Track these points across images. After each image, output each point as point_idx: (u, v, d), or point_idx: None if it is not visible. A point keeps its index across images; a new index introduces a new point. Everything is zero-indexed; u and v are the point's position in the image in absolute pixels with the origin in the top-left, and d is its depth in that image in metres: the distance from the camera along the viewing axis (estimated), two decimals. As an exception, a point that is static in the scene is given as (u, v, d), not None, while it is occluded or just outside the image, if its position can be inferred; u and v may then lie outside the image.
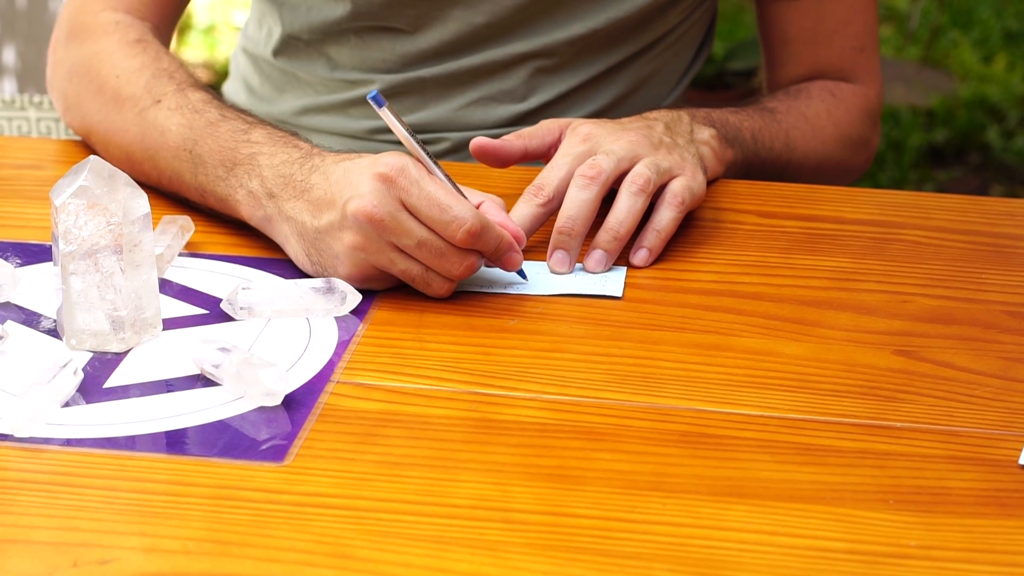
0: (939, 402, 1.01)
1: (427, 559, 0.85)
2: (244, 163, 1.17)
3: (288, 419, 0.97)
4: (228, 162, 1.18)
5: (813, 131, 1.44)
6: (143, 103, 1.26)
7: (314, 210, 1.11)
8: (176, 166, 1.23)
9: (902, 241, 1.24)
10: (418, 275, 1.10)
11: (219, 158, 1.19)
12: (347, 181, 1.10)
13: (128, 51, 1.30)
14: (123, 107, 1.27)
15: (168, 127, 1.23)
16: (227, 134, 1.20)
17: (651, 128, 1.24)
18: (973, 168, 3.59)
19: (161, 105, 1.25)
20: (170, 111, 1.24)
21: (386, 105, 1.11)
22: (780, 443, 0.96)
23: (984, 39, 4.22)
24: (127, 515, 0.88)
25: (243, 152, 1.18)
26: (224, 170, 1.18)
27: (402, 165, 1.08)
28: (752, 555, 0.86)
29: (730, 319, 1.11)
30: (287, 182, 1.14)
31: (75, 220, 1.02)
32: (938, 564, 0.86)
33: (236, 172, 1.18)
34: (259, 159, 1.17)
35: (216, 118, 1.22)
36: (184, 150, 1.22)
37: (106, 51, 1.31)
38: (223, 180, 1.18)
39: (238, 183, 1.17)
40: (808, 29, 1.48)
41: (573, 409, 0.99)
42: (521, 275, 1.15)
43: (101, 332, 1.04)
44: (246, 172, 1.17)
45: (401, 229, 1.08)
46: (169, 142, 1.23)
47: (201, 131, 1.21)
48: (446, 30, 1.42)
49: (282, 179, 1.14)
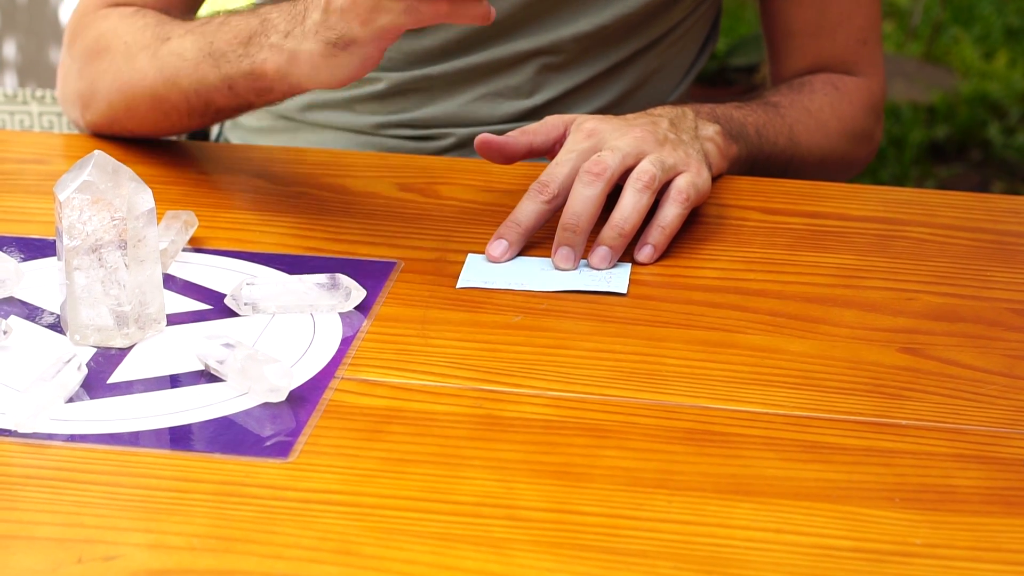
0: (945, 400, 1.01)
1: (432, 556, 0.84)
2: (258, 32, 1.21)
3: (292, 415, 0.97)
4: (244, 39, 1.22)
5: (817, 125, 1.44)
6: (153, 47, 1.29)
7: (315, 8, 1.14)
8: (199, 74, 1.25)
9: (907, 238, 1.24)
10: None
11: (236, 41, 1.22)
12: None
13: (129, 20, 1.34)
14: (136, 58, 1.30)
15: (183, 48, 1.27)
16: (237, 21, 1.24)
17: (656, 124, 1.23)
18: (974, 165, 3.58)
19: (171, 40, 1.28)
20: (180, 38, 1.27)
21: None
22: (785, 440, 0.96)
23: (985, 35, 4.22)
24: (131, 511, 0.88)
25: (254, 24, 1.21)
26: (242, 48, 1.22)
27: None
28: (758, 553, 0.86)
29: (735, 316, 1.11)
30: (294, 17, 1.17)
31: (79, 215, 1.02)
32: (944, 562, 0.85)
33: (254, 41, 1.21)
34: (270, 19, 1.20)
35: (224, 17, 1.26)
36: (203, 54, 1.25)
37: (109, 29, 1.34)
38: (245, 55, 1.22)
39: (257, 48, 1.20)
40: (811, 22, 1.48)
41: (578, 406, 0.99)
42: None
43: (105, 327, 1.04)
44: (263, 35, 1.20)
45: None
46: (188, 58, 1.26)
47: (213, 33, 1.25)
48: (451, 28, 1.41)
49: (290, 17, 1.18)
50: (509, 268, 1.16)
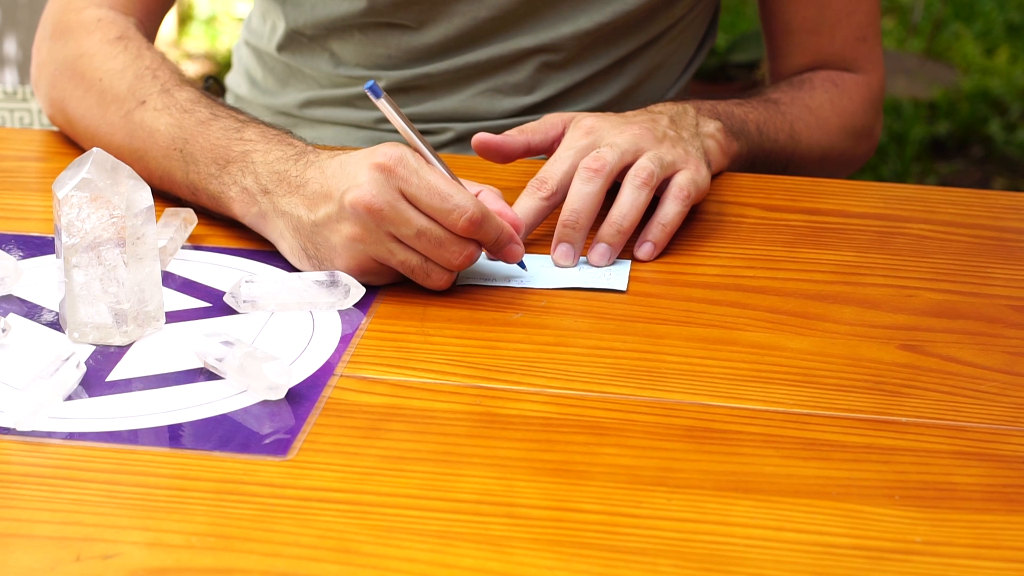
0: (945, 397, 1.01)
1: (431, 554, 0.84)
2: (237, 160, 1.17)
3: (292, 413, 0.97)
4: (221, 160, 1.18)
5: (817, 122, 1.44)
6: (128, 105, 1.25)
7: (310, 204, 1.11)
8: (167, 165, 1.22)
9: (907, 235, 1.24)
10: (417, 266, 1.10)
11: (211, 156, 1.19)
12: (344, 173, 1.09)
13: (110, 50, 1.29)
14: (108, 109, 1.27)
15: (156, 128, 1.23)
16: (219, 132, 1.19)
17: (655, 121, 1.23)
18: (975, 161, 3.58)
19: (147, 106, 1.24)
20: (157, 112, 1.23)
21: (383, 96, 1.10)
22: (785, 438, 0.96)
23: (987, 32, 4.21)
24: (130, 509, 0.88)
25: (236, 150, 1.17)
26: (217, 168, 1.18)
27: (400, 155, 1.08)
28: (758, 550, 0.85)
29: (735, 313, 1.11)
30: (281, 178, 1.13)
31: (78, 213, 1.02)
32: (944, 560, 0.85)
33: (229, 170, 1.17)
34: (253, 156, 1.16)
35: (207, 116, 1.21)
36: (175, 149, 1.21)
37: (88, 52, 1.30)
38: (216, 178, 1.18)
39: (231, 180, 1.17)
40: (810, 19, 1.48)
41: (577, 403, 0.99)
42: (521, 266, 1.14)
43: (104, 325, 1.04)
44: (239, 169, 1.16)
45: (400, 218, 1.07)
46: (159, 142, 1.22)
47: (192, 130, 1.21)
48: (451, 25, 1.41)
49: (276, 175, 1.14)
50: (508, 265, 1.16)
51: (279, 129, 1.19)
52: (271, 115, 1.51)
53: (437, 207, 1.07)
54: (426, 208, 1.07)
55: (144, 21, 1.37)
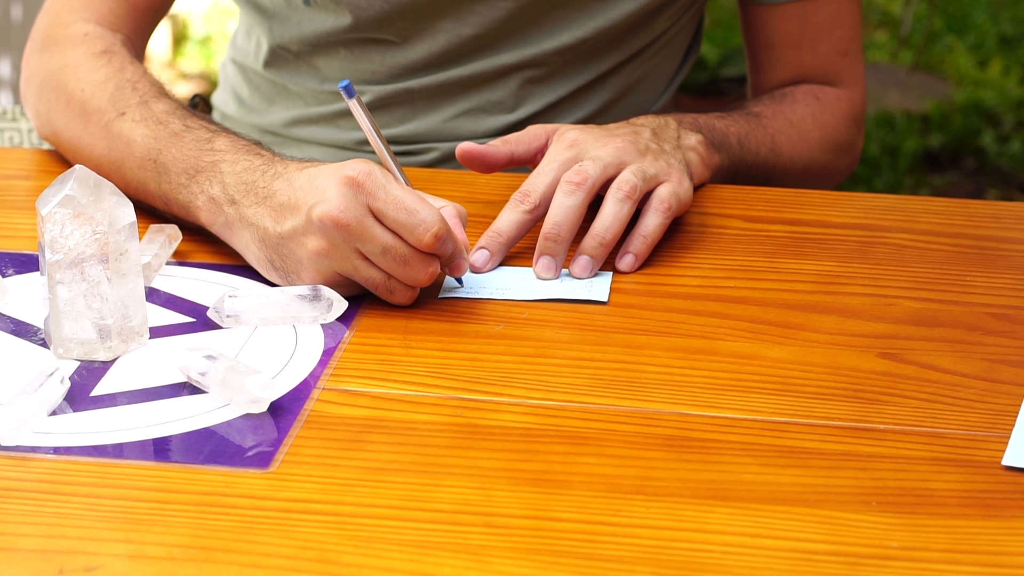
0: (923, 404, 1.01)
1: (410, 564, 0.85)
2: (206, 170, 1.18)
3: (274, 426, 0.98)
4: (191, 170, 1.19)
5: (799, 135, 1.45)
6: (108, 116, 1.27)
7: (276, 215, 1.12)
8: (141, 176, 1.24)
9: (887, 244, 1.25)
10: (381, 283, 1.10)
11: (182, 166, 1.20)
12: (312, 186, 1.10)
13: (93, 63, 1.31)
14: (89, 121, 1.28)
15: (133, 138, 1.24)
16: (190, 143, 1.21)
17: (638, 134, 1.24)
18: (968, 173, 3.59)
19: (125, 117, 1.25)
20: (134, 123, 1.25)
21: (355, 97, 1.11)
22: (764, 446, 0.97)
23: (979, 44, 4.22)
24: (112, 522, 0.89)
25: (205, 160, 1.19)
26: (187, 177, 1.19)
27: (369, 170, 1.08)
28: (735, 557, 0.86)
29: (715, 323, 1.11)
30: (249, 188, 1.14)
31: (61, 229, 1.03)
32: (921, 565, 0.86)
33: (198, 179, 1.18)
34: (221, 166, 1.17)
35: (180, 128, 1.22)
36: (149, 160, 1.22)
37: (73, 64, 1.32)
38: (185, 187, 1.19)
39: (199, 189, 1.18)
40: (792, 34, 1.48)
41: (557, 414, 1.00)
42: (459, 282, 1.15)
43: (88, 341, 1.05)
44: (207, 179, 1.17)
45: (367, 235, 1.08)
46: (135, 153, 1.24)
47: (165, 141, 1.22)
48: (435, 42, 1.42)
49: (244, 185, 1.15)
50: (491, 277, 1.17)
51: (249, 139, 1.20)
52: (258, 134, 1.52)
53: (404, 221, 1.07)
54: (392, 223, 1.08)
55: (132, 37, 1.39)
